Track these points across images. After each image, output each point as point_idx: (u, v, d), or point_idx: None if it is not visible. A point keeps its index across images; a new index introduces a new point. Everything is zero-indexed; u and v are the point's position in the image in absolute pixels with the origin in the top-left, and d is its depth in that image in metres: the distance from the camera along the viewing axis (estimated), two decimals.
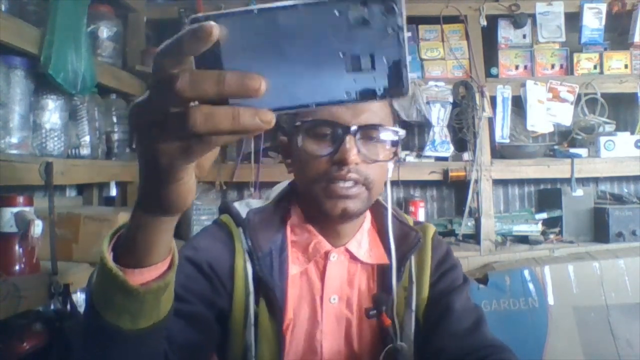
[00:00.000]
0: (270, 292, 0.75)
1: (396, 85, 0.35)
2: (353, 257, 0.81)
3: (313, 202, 0.75)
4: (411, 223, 0.87)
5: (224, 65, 0.35)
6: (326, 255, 0.79)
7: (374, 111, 0.74)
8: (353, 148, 0.70)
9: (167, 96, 0.33)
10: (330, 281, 0.79)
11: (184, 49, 0.33)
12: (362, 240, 0.81)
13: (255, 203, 0.85)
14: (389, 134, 0.75)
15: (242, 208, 0.83)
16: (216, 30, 0.32)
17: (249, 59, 0.34)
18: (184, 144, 0.35)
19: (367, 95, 0.35)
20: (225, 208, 0.84)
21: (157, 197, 0.41)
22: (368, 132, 0.73)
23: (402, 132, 0.76)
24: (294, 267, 0.79)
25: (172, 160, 0.37)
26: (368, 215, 0.85)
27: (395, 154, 0.77)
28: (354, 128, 0.71)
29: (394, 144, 0.76)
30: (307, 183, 0.75)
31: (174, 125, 0.34)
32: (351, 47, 0.34)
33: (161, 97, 0.34)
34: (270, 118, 0.34)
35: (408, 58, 0.35)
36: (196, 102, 0.34)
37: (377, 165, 0.74)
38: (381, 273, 0.81)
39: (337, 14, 0.34)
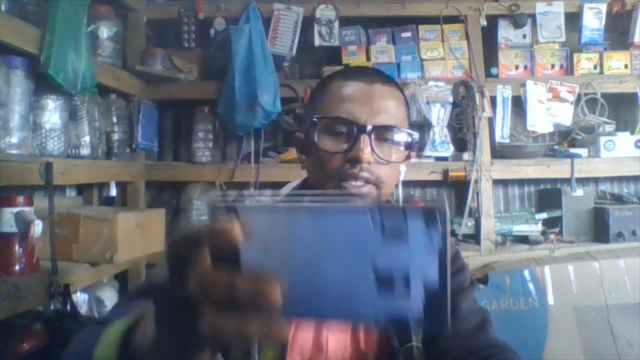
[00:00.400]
0: None
1: (434, 319, 0.30)
2: None
3: None
4: None
5: (241, 258, 0.32)
6: None
7: (391, 112, 0.75)
8: (367, 147, 0.71)
9: (179, 292, 0.33)
10: None
11: (202, 246, 0.33)
12: None
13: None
14: (404, 135, 0.76)
15: None
16: (240, 237, 0.31)
17: (270, 256, 0.32)
18: (191, 339, 0.34)
19: (397, 322, 0.31)
20: None
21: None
22: (383, 132, 0.74)
23: (416, 135, 0.77)
24: None
25: (179, 347, 0.36)
26: None
27: (409, 156, 0.78)
28: (369, 128, 0.72)
29: (408, 146, 0.77)
30: (320, 179, 0.76)
31: (181, 321, 0.34)
32: (384, 265, 0.30)
33: (174, 290, 0.34)
34: (283, 336, 0.31)
35: (449, 287, 0.30)
36: None
37: (389, 166, 0.75)
38: None
39: (371, 225, 0.30)
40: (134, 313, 0.48)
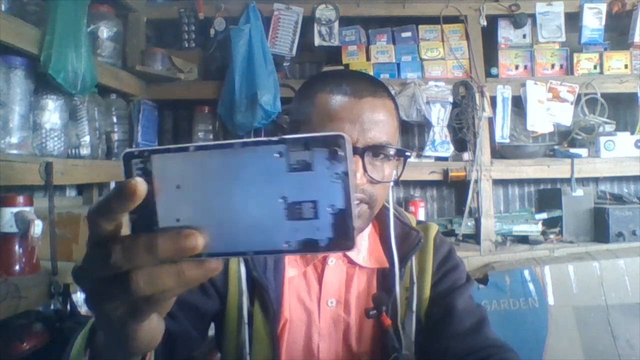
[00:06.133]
0: (263, 292, 0.75)
1: (342, 237, 0.32)
2: (351, 262, 0.80)
3: None
4: (414, 223, 0.86)
5: (158, 212, 0.33)
6: (324, 259, 0.79)
7: (382, 128, 0.71)
8: (359, 169, 0.69)
9: (103, 266, 0.32)
10: (327, 285, 0.78)
11: (113, 209, 0.32)
12: (361, 245, 0.81)
13: None
14: (395, 151, 0.73)
15: None
16: (141, 187, 0.31)
17: (185, 202, 0.32)
18: (132, 306, 0.34)
19: (309, 246, 0.32)
20: None
21: (118, 347, 0.40)
22: (375, 150, 0.71)
23: (409, 152, 0.75)
24: (292, 269, 0.78)
25: (122, 321, 0.35)
26: None
27: (403, 164, 0.76)
28: (361, 148, 0.69)
29: (400, 153, 0.74)
30: None
31: (116, 289, 0.33)
32: (292, 193, 0.32)
33: (98, 265, 0.33)
34: (217, 266, 0.33)
35: (355, 208, 0.32)
36: None
37: (381, 183, 0.73)
38: (382, 275, 0.81)
39: (277, 156, 0.31)
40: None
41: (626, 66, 2.25)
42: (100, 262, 0.33)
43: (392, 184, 0.79)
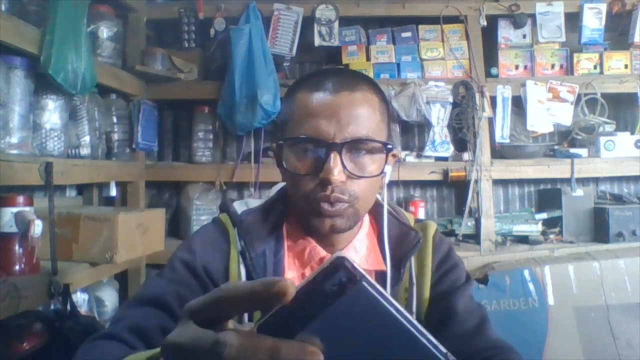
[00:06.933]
0: None
1: None
2: None
3: (302, 217, 0.75)
4: (412, 221, 0.85)
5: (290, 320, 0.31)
6: (322, 261, 0.78)
7: (361, 122, 0.69)
8: (337, 166, 0.67)
9: (211, 356, 0.31)
10: None
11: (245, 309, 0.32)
12: (358, 247, 0.80)
13: (254, 203, 0.84)
14: (378, 144, 0.71)
15: (240, 207, 0.83)
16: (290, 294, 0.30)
17: (316, 328, 0.30)
18: None
19: None
20: (224, 207, 0.84)
21: None
22: (354, 145, 0.69)
23: (390, 145, 0.72)
24: (290, 272, 0.78)
25: None
26: (367, 219, 0.83)
27: (393, 155, 0.74)
28: (338, 144, 0.68)
29: (387, 149, 0.72)
30: (295, 198, 0.74)
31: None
32: None
33: (205, 354, 0.31)
34: None
35: None
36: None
37: (364, 179, 0.71)
38: (380, 277, 0.79)
39: None
40: (147, 352, 0.47)
41: (626, 66, 2.25)
42: (209, 351, 0.31)
43: (385, 181, 0.78)
